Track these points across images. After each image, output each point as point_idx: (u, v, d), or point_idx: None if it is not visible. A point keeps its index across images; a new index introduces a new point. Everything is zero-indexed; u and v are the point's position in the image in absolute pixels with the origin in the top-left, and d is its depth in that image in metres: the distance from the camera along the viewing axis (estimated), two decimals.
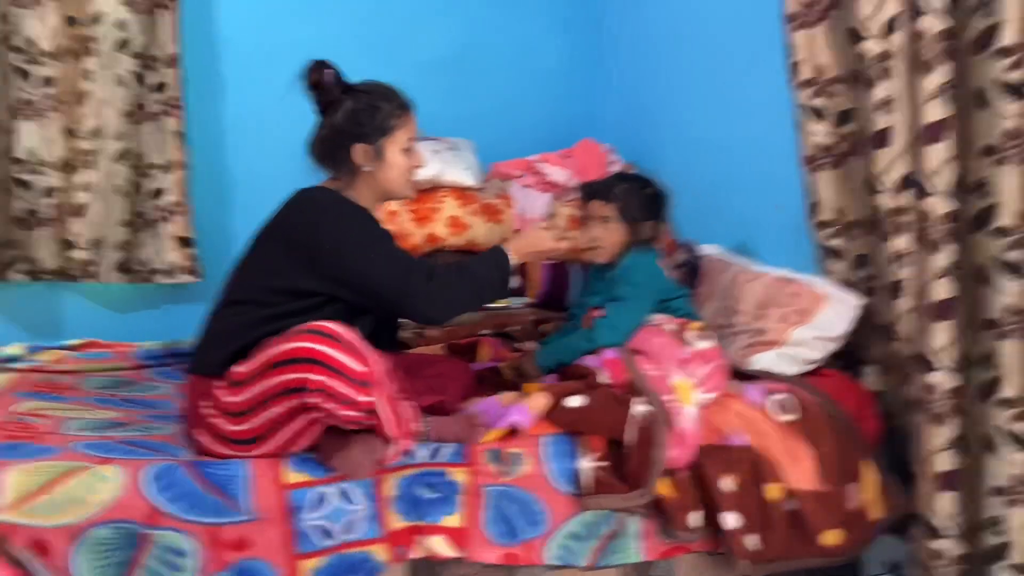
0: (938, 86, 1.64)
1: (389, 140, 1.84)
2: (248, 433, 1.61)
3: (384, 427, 1.58)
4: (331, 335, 1.56)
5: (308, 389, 1.53)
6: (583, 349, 2.04)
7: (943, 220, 1.66)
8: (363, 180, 1.86)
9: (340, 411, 1.55)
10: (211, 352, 1.73)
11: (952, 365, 1.69)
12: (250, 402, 1.60)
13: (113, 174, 2.78)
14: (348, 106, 1.83)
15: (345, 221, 1.75)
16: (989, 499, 1.73)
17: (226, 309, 1.79)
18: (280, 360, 1.57)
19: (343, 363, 1.54)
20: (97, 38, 2.72)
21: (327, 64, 1.82)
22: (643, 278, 2.07)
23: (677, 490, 1.77)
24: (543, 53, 3.38)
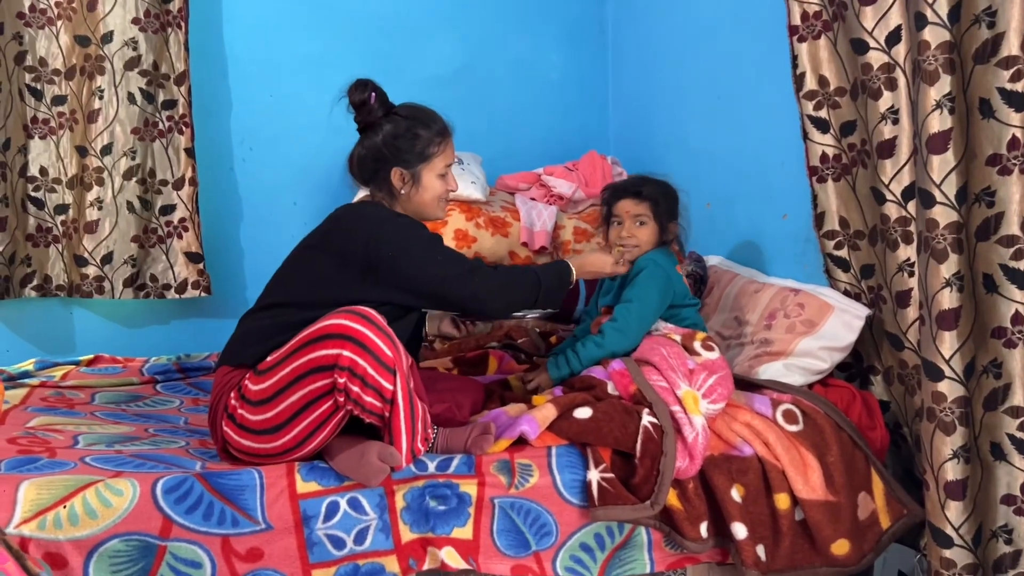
0: (942, 96, 1.65)
1: (427, 166, 1.91)
2: (270, 422, 1.63)
3: (397, 423, 1.60)
4: (367, 316, 1.60)
5: (339, 366, 1.56)
6: (595, 356, 2.05)
7: (950, 229, 1.67)
8: (399, 202, 1.93)
9: (364, 397, 1.57)
10: (246, 346, 1.76)
11: (960, 374, 1.70)
12: (276, 386, 1.62)
13: (124, 191, 2.81)
14: (389, 130, 1.89)
15: (402, 231, 1.81)
16: (999, 508, 1.73)
17: (265, 311, 1.82)
18: (315, 337, 1.60)
19: (375, 344, 1.57)
20: (108, 57, 2.75)
21: (373, 84, 1.89)
22: (652, 280, 2.08)
23: (686, 501, 1.78)
24: (548, 66, 3.41)
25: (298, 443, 1.63)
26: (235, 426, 1.67)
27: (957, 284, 1.68)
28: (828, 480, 1.85)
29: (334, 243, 1.82)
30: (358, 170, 1.95)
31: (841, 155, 2.08)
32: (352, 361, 1.56)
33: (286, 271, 1.88)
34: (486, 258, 2.80)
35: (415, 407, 1.64)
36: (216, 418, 1.73)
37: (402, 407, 1.61)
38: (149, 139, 2.83)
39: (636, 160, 3.22)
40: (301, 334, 1.64)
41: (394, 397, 1.59)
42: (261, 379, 1.65)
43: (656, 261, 2.10)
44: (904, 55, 1.84)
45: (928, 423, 1.74)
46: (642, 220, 2.13)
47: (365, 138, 1.92)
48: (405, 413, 1.61)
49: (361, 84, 1.88)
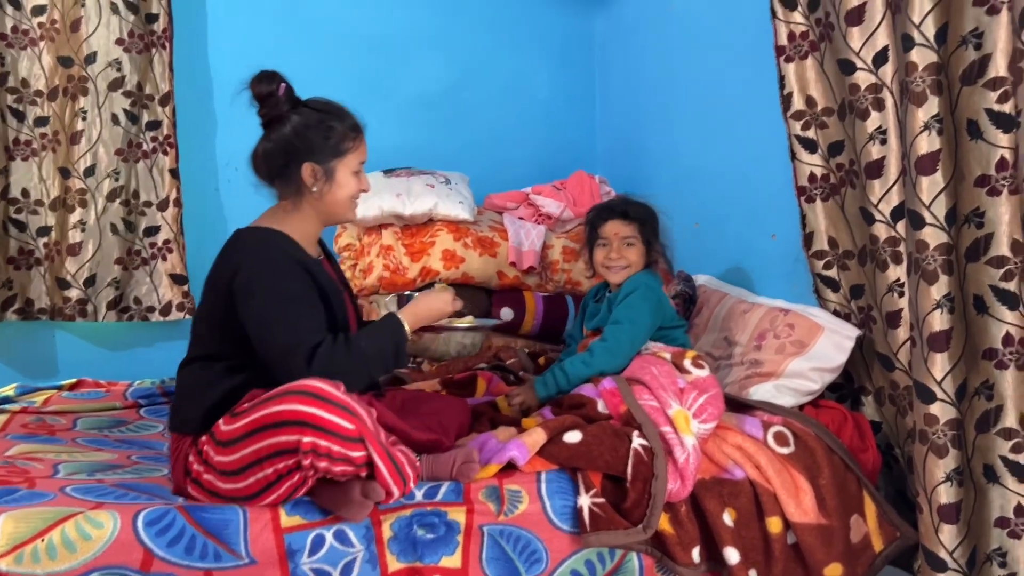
0: (930, 117, 1.64)
1: (341, 162, 1.78)
2: (242, 492, 1.58)
3: (382, 478, 1.54)
4: (317, 395, 1.50)
5: (301, 451, 1.49)
6: (582, 375, 2.03)
7: (940, 251, 1.66)
8: (308, 201, 1.79)
9: (335, 468, 1.51)
10: (185, 410, 1.70)
11: (952, 396, 1.69)
12: (241, 462, 1.55)
13: (107, 212, 2.78)
14: (298, 122, 1.75)
15: (264, 266, 1.68)
16: (993, 531, 1.71)
17: (191, 364, 1.75)
18: (269, 423, 1.51)
19: (333, 423, 1.48)
20: (91, 78, 2.73)
21: (280, 76, 1.76)
22: (645, 302, 2.06)
23: (678, 525, 1.76)
24: (536, 85, 3.41)
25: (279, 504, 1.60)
26: (205, 492, 1.63)
27: (948, 305, 1.67)
28: (820, 503, 1.83)
29: (219, 278, 1.71)
30: (264, 166, 1.79)
31: (829, 175, 2.08)
32: (313, 444, 1.48)
33: (196, 316, 1.78)
34: (473, 279, 2.79)
35: (396, 458, 1.57)
36: (181, 483, 1.68)
37: (382, 466, 1.53)
38: (133, 160, 2.81)
39: (624, 179, 3.21)
40: (254, 415, 1.53)
41: (369, 460, 1.52)
42: (225, 451, 1.57)
43: (647, 283, 2.09)
44: (891, 76, 1.84)
45: (921, 445, 1.73)
46: (630, 241, 2.12)
47: (271, 131, 1.77)
48: (388, 469, 1.54)
49: (268, 75, 1.75)
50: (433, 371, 2.59)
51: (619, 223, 2.14)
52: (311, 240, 1.84)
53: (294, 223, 1.80)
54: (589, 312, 2.23)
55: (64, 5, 2.70)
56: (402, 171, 2.91)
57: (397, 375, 2.51)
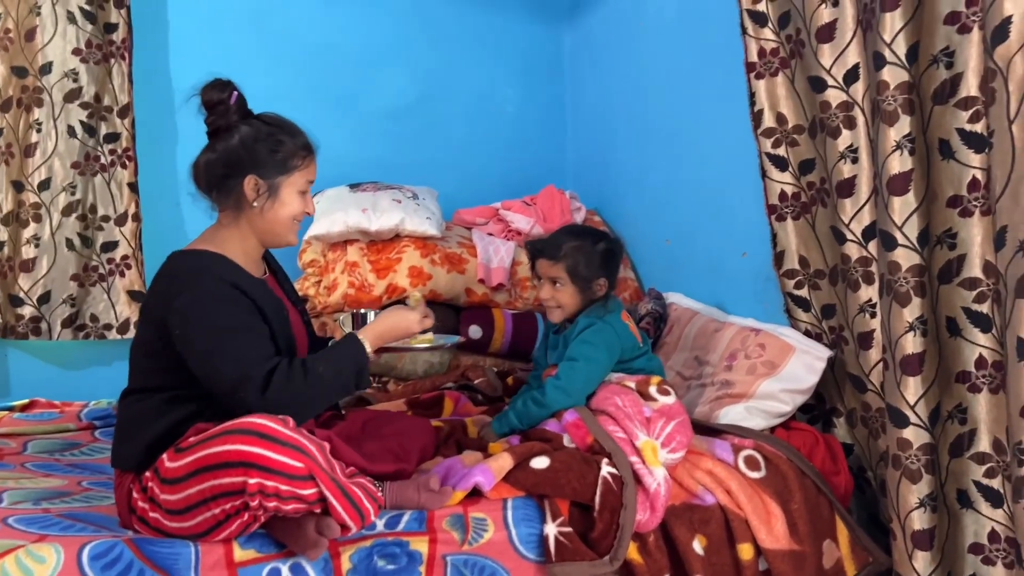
0: (902, 137, 1.62)
1: (287, 179, 1.69)
2: (192, 530, 1.50)
3: (337, 515, 1.47)
4: (262, 433, 1.43)
5: (247, 492, 1.42)
6: (537, 416, 1.97)
7: (912, 272, 1.63)
8: (248, 217, 1.69)
9: (286, 507, 1.44)
10: (127, 445, 1.61)
11: (926, 420, 1.66)
12: (187, 501, 1.48)
13: (63, 227, 2.70)
14: (247, 133, 1.66)
15: (198, 296, 1.58)
16: (967, 557, 1.69)
17: (130, 396, 1.67)
18: (212, 464, 1.43)
19: (279, 462, 1.41)
20: (46, 89, 2.65)
21: (233, 85, 1.69)
22: (598, 338, 1.98)
23: (647, 555, 1.71)
24: (506, 100, 3.37)
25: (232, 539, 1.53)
26: (152, 530, 1.55)
27: (920, 328, 1.64)
28: (792, 528, 1.80)
29: (154, 306, 1.63)
30: (204, 177, 1.69)
31: (800, 193, 2.05)
32: (260, 485, 1.40)
33: (135, 342, 1.68)
34: (441, 296, 2.73)
35: (350, 492, 1.49)
36: (127, 520, 1.61)
37: (336, 503, 1.46)
38: (90, 173, 2.73)
39: (595, 194, 3.18)
40: (197, 454, 1.45)
41: (321, 497, 1.45)
42: (170, 490, 1.49)
43: (602, 318, 2.02)
44: (862, 94, 1.82)
45: (894, 470, 1.70)
46: (559, 281, 2.03)
47: (217, 141, 1.68)
48: (343, 505, 1.47)
49: (220, 83, 1.67)
50: (399, 391, 2.53)
51: (546, 262, 2.04)
52: (252, 259, 1.74)
53: (232, 241, 1.71)
54: (550, 343, 2.16)
55: (19, 14, 2.62)
56: (368, 185, 2.86)
57: (362, 396, 2.45)
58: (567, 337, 2.04)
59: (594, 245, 2.04)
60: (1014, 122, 1.40)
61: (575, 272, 2.01)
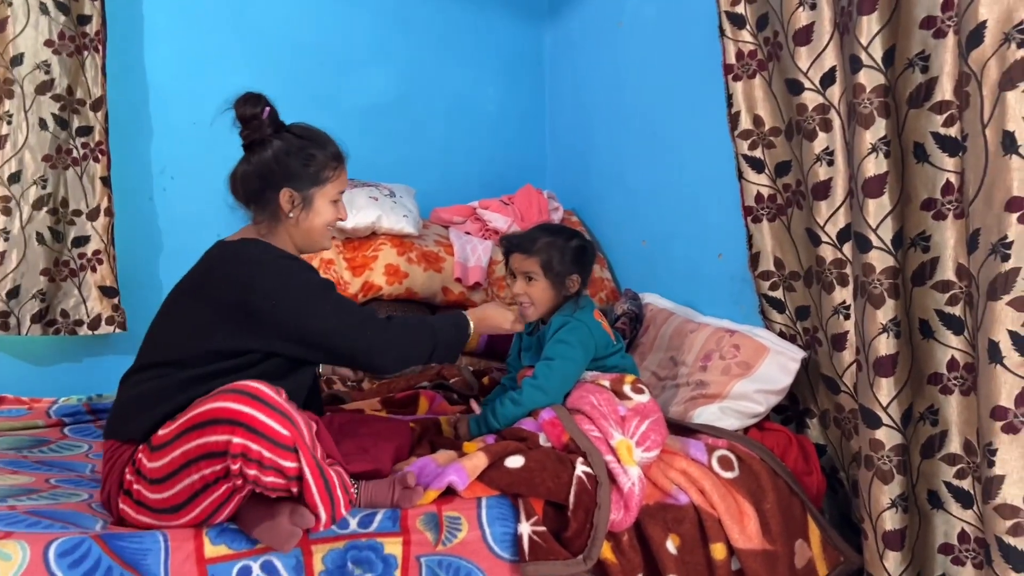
0: (878, 139, 1.63)
1: (320, 191, 1.77)
2: (169, 501, 1.50)
3: (310, 496, 1.47)
4: (256, 396, 1.45)
5: (230, 454, 1.42)
6: (513, 415, 1.97)
7: (886, 274, 1.64)
8: (284, 227, 1.77)
9: (264, 478, 1.44)
10: (133, 418, 1.61)
11: (898, 421, 1.67)
12: (170, 466, 1.48)
13: (33, 221, 2.65)
14: (280, 147, 1.74)
15: (283, 275, 1.66)
16: (937, 557, 1.70)
17: (145, 372, 1.67)
18: (201, 421, 1.46)
19: (268, 426, 1.42)
20: (17, 80, 2.61)
21: (266, 100, 1.74)
22: (573, 337, 1.98)
23: (620, 554, 1.71)
24: (485, 99, 3.36)
25: (202, 521, 1.51)
26: (133, 503, 1.54)
27: (894, 330, 1.66)
28: (765, 528, 1.81)
29: (209, 289, 1.66)
30: (241, 189, 1.78)
31: (776, 195, 2.06)
32: (244, 447, 1.41)
33: (161, 323, 1.71)
34: (417, 294, 2.72)
35: (328, 477, 1.50)
36: (111, 495, 1.59)
37: (312, 483, 1.46)
38: (62, 167, 2.69)
39: (573, 195, 3.18)
40: (187, 414, 1.49)
41: (300, 474, 1.45)
42: (156, 456, 1.51)
43: (575, 316, 2.02)
44: (839, 96, 1.83)
45: (866, 471, 1.71)
46: (532, 276, 2.02)
47: (252, 154, 1.75)
48: (318, 486, 1.47)
49: (253, 97, 1.73)
50: (374, 389, 2.52)
51: (519, 257, 2.04)
52: None
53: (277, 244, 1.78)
54: (524, 344, 2.15)
55: None
56: None
57: (335, 394, 2.43)
58: (541, 337, 2.04)
59: (567, 241, 2.04)
60: (987, 126, 1.42)
61: (548, 267, 2.01)
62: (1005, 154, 1.39)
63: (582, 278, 2.04)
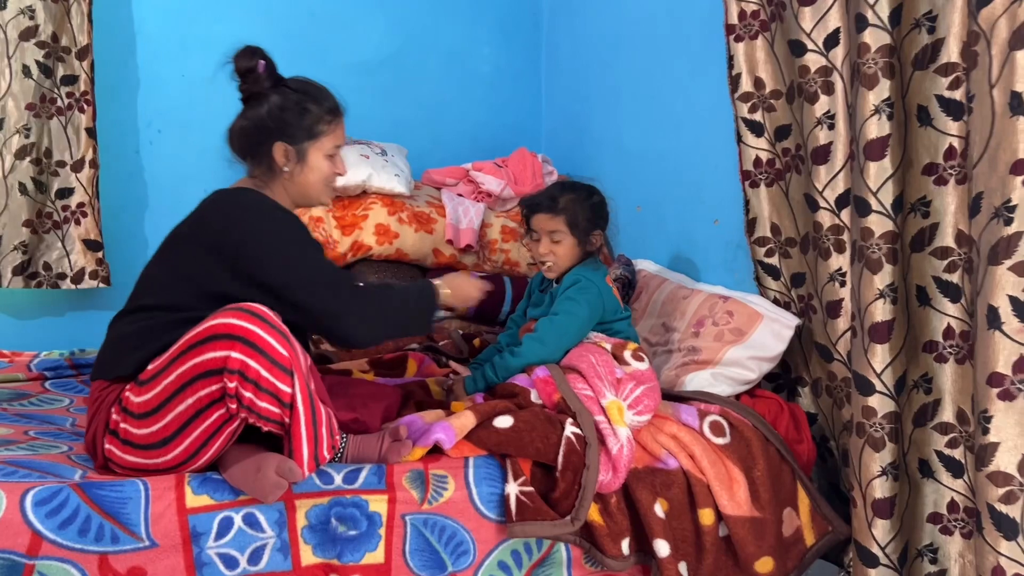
0: (881, 101, 1.59)
1: (314, 144, 1.76)
2: (157, 435, 1.48)
3: (297, 428, 1.46)
4: (258, 314, 1.46)
5: (228, 370, 1.42)
6: (513, 366, 1.95)
7: (885, 239, 1.62)
8: (280, 181, 1.77)
9: (259, 403, 1.43)
10: (119, 356, 1.60)
11: (891, 388, 1.65)
12: (161, 395, 1.47)
13: (15, 171, 2.60)
14: (276, 101, 1.73)
15: (270, 225, 1.66)
16: (926, 526, 1.69)
17: (135, 314, 1.65)
18: (200, 339, 1.45)
19: (268, 343, 1.43)
20: (1, 26, 2.54)
21: (262, 53, 1.73)
22: (582, 296, 1.97)
23: (608, 516, 1.70)
24: (480, 59, 3.30)
25: (188, 456, 1.49)
26: (119, 442, 1.52)
27: (891, 296, 1.63)
28: (754, 495, 1.79)
29: (202, 233, 1.66)
30: (238, 143, 1.78)
31: (775, 160, 2.03)
32: (243, 363, 1.42)
33: (154, 266, 1.70)
34: (408, 256, 2.68)
35: (317, 411, 1.50)
36: (96, 436, 1.57)
37: (302, 412, 1.46)
38: (46, 116, 2.63)
39: (567, 159, 3.14)
40: (186, 335, 1.48)
41: (293, 401, 1.45)
42: (144, 389, 1.50)
43: (588, 276, 2.00)
44: (842, 59, 1.79)
45: (857, 438, 1.69)
46: (557, 236, 2.00)
47: (249, 109, 1.75)
48: (306, 418, 1.47)
49: (249, 50, 1.72)
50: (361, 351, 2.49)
51: (545, 216, 2.02)
52: None
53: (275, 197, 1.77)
54: (534, 300, 2.14)
55: None
56: None
57: (324, 354, 2.40)
58: (552, 295, 2.03)
59: (589, 197, 2.04)
60: (995, 86, 1.38)
61: (575, 224, 2.01)
62: (1012, 115, 1.36)
63: (603, 235, 2.04)
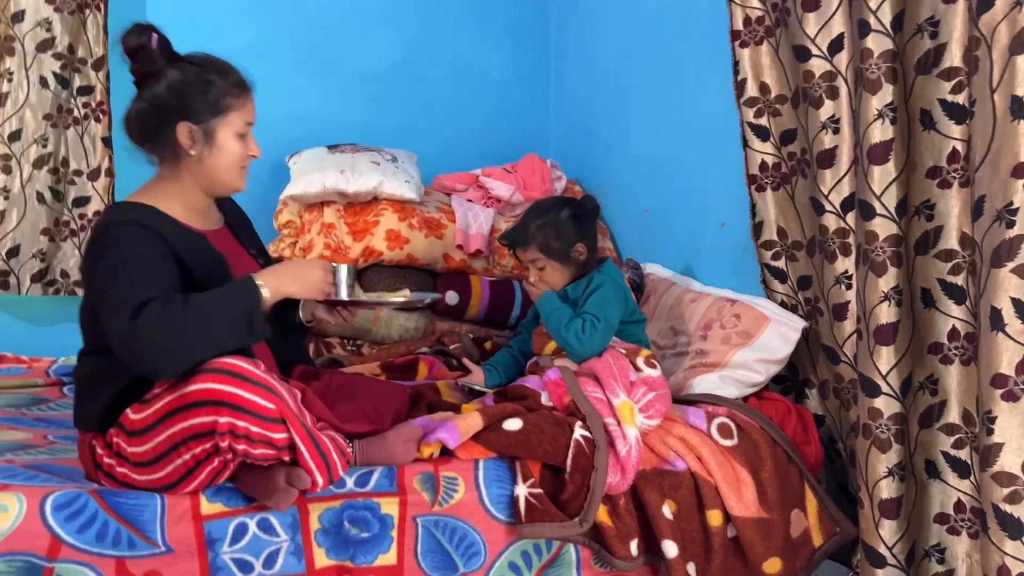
0: (884, 106, 1.61)
1: (222, 121, 1.60)
2: (161, 481, 1.48)
3: (304, 463, 1.44)
4: (235, 372, 1.39)
5: (217, 432, 1.39)
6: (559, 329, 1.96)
7: (889, 242, 1.63)
8: (187, 167, 1.62)
9: (254, 451, 1.41)
10: (87, 405, 1.59)
11: (897, 390, 1.66)
12: (156, 450, 1.45)
13: (33, 180, 2.64)
14: (174, 76, 1.57)
15: (108, 241, 1.52)
16: (932, 527, 1.70)
17: (86, 356, 1.63)
18: (182, 405, 1.41)
19: (252, 402, 1.38)
20: (18, 37, 2.59)
21: (153, 28, 1.59)
22: (615, 294, 1.99)
23: (616, 517, 1.72)
24: (489, 65, 3.33)
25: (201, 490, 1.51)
26: (119, 486, 1.53)
27: (895, 298, 1.65)
28: (762, 497, 1.81)
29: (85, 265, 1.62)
30: (136, 128, 1.62)
31: (781, 164, 2.05)
32: (230, 424, 1.38)
33: (81, 304, 1.62)
34: (418, 260, 2.71)
35: (320, 443, 1.46)
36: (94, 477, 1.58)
37: (305, 450, 1.43)
38: (63, 126, 2.67)
39: (576, 164, 3.16)
40: (165, 399, 1.43)
41: (291, 443, 1.42)
42: (136, 441, 1.47)
43: (613, 277, 2.02)
44: (846, 64, 1.80)
45: (864, 440, 1.71)
46: (539, 264, 2.04)
47: (144, 89, 1.59)
48: (311, 454, 1.44)
49: (138, 27, 1.58)
50: (373, 354, 2.51)
51: (521, 251, 2.07)
52: (196, 210, 1.68)
53: (171, 194, 1.64)
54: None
55: None
56: (347, 147, 2.82)
57: (335, 358, 2.43)
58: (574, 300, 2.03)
59: (559, 215, 2.04)
60: (996, 91, 1.40)
61: (549, 248, 2.02)
62: (1013, 119, 1.38)
63: (587, 243, 2.04)
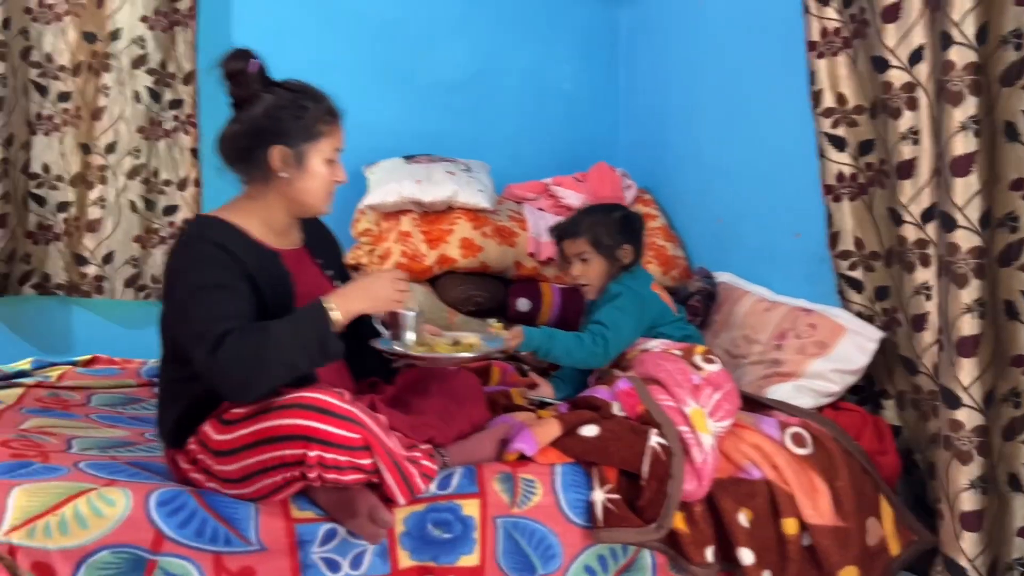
0: (967, 118, 1.61)
1: (313, 146, 1.66)
2: (252, 495, 1.54)
3: (388, 488, 1.49)
4: (319, 407, 1.44)
5: (306, 464, 1.44)
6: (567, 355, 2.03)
7: (971, 254, 1.63)
8: (276, 188, 1.68)
9: (345, 477, 1.46)
10: (163, 416, 1.67)
11: (979, 402, 1.65)
12: (245, 470, 1.51)
13: (127, 190, 2.78)
14: (270, 101, 1.65)
15: (184, 255, 1.60)
16: (1015, 540, 1.69)
17: (164, 364, 1.70)
18: (270, 437, 1.46)
19: (337, 435, 1.43)
20: (115, 54, 2.72)
21: (251, 53, 1.66)
22: (628, 303, 2.04)
23: (692, 524, 1.74)
24: (559, 76, 3.37)
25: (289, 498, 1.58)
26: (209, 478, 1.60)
27: (979, 310, 1.64)
28: (837, 505, 1.81)
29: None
30: (230, 149, 1.69)
31: (858, 174, 2.04)
32: (319, 457, 1.43)
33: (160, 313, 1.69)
34: (491, 268, 2.76)
35: (403, 469, 1.50)
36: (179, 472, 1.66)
37: (388, 477, 1.48)
38: (154, 138, 2.80)
39: (647, 173, 3.18)
40: (251, 427, 1.48)
41: (376, 468, 1.47)
42: (226, 461, 1.53)
43: (628, 286, 2.06)
44: (927, 75, 1.80)
45: (944, 451, 1.70)
46: (584, 257, 2.09)
47: (241, 112, 1.67)
48: (395, 479, 1.49)
49: (239, 52, 1.66)
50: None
51: (568, 242, 2.13)
52: (274, 229, 1.74)
53: (254, 211, 1.71)
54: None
55: None
56: (422, 157, 2.89)
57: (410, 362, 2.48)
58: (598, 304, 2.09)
59: (610, 214, 2.13)
60: None
61: (598, 243, 2.09)
62: None
63: (634, 247, 2.09)
